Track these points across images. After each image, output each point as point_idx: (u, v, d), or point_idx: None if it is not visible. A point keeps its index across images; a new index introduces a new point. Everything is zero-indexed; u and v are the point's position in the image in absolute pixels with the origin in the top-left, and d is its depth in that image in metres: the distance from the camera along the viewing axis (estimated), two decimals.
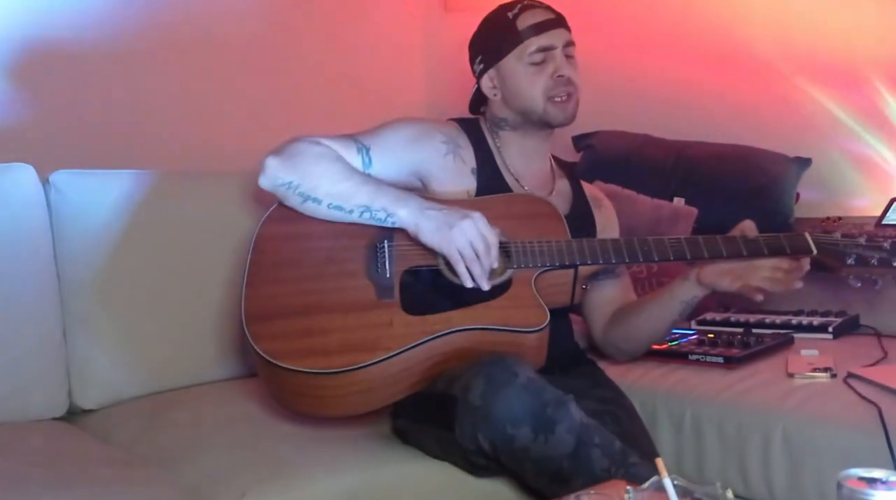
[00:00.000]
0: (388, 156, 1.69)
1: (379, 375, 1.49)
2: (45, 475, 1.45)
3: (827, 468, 1.53)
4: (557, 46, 1.72)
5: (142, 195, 1.92)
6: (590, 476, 1.35)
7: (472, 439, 1.43)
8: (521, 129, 1.78)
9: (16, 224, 1.79)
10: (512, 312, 1.55)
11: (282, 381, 1.52)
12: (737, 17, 2.63)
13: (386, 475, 1.54)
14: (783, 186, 2.43)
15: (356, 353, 1.48)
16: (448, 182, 1.72)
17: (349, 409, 1.55)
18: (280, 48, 2.81)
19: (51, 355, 1.80)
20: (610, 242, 1.65)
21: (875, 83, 2.39)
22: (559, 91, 1.71)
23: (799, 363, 1.82)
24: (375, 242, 1.60)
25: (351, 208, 1.58)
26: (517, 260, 1.59)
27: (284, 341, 1.50)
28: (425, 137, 1.73)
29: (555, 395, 1.42)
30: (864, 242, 1.58)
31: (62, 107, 2.37)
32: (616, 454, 1.41)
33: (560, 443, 1.38)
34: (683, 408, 1.76)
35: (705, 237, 1.64)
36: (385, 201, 1.57)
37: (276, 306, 1.55)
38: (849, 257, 1.58)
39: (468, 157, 1.75)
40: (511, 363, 1.44)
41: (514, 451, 1.40)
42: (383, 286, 1.55)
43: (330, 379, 1.48)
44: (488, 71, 1.77)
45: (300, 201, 1.60)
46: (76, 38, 2.40)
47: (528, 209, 1.69)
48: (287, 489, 1.44)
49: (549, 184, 1.82)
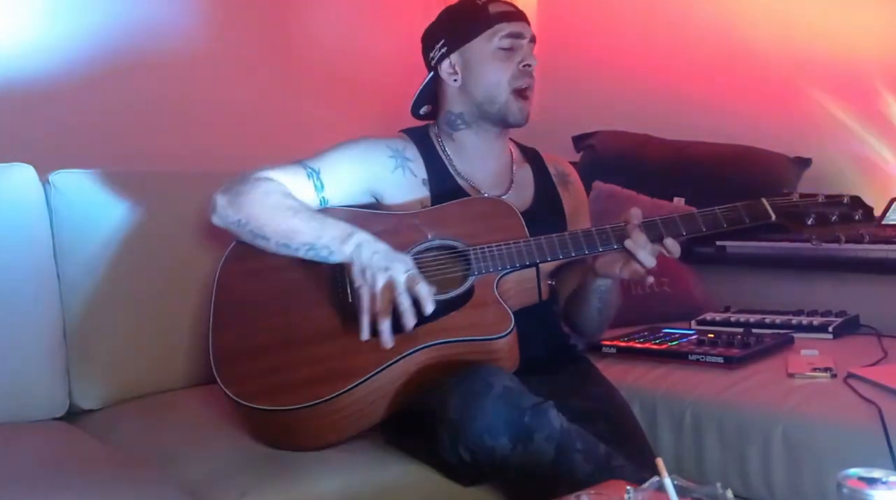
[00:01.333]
0: (337, 177, 1.68)
1: (356, 400, 1.48)
2: (45, 475, 1.45)
3: (827, 468, 1.53)
4: (525, 36, 1.72)
5: (142, 195, 1.92)
6: (573, 483, 1.33)
7: (453, 452, 1.43)
8: (476, 125, 1.75)
9: (16, 224, 1.78)
10: (478, 319, 1.54)
11: (261, 421, 1.52)
12: (737, 18, 2.64)
13: (386, 474, 1.53)
14: (783, 186, 2.43)
15: (327, 383, 1.46)
16: (400, 196, 1.70)
17: (332, 439, 1.53)
18: (279, 49, 2.81)
19: (51, 355, 1.79)
20: (568, 236, 1.62)
21: (875, 84, 2.39)
22: (524, 82, 1.70)
23: (799, 363, 1.82)
24: (335, 269, 1.58)
25: (297, 246, 1.56)
26: (476, 266, 1.57)
27: (255, 381, 1.49)
28: (371, 155, 1.71)
29: (532, 402, 1.41)
30: (822, 201, 1.56)
31: (62, 107, 2.37)
32: (600, 458, 1.39)
33: (539, 451, 1.37)
34: (683, 408, 1.76)
35: (662, 218, 1.60)
36: (328, 239, 1.54)
37: (243, 347, 1.54)
38: (808, 218, 1.56)
39: (418, 168, 1.73)
40: (485, 374, 1.43)
41: (494, 462, 1.39)
42: (347, 312, 1.53)
43: (308, 412, 1.46)
44: (450, 55, 1.73)
45: (251, 238, 1.59)
46: (76, 38, 2.40)
47: (484, 210, 1.67)
48: (287, 489, 1.44)
49: (505, 180, 1.79)
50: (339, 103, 2.88)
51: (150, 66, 2.53)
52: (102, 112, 2.43)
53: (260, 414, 1.49)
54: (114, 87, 2.46)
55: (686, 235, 1.59)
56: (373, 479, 1.52)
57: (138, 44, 2.50)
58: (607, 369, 1.83)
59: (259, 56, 2.75)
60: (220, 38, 2.66)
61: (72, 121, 2.37)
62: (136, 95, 2.50)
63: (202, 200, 2.01)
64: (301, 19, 2.87)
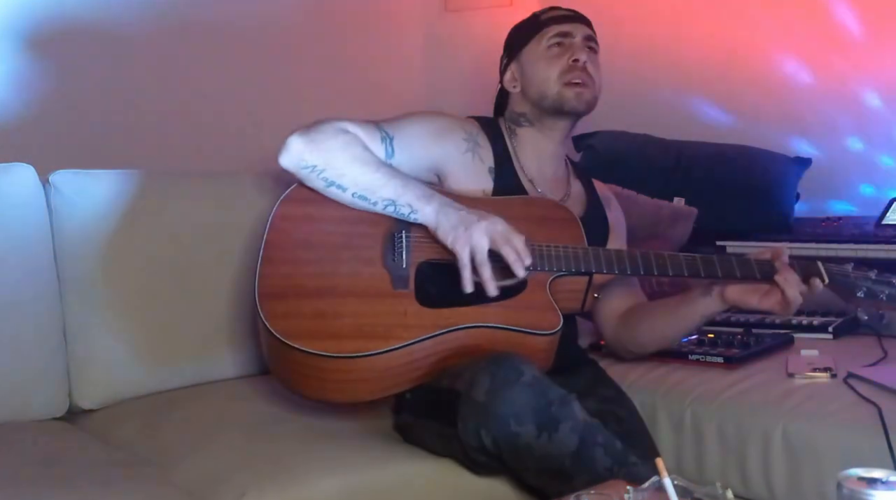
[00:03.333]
0: (410, 148, 1.68)
1: (386, 364, 1.50)
2: (45, 475, 1.45)
3: (827, 468, 1.53)
4: (576, 35, 1.76)
5: (141, 195, 1.92)
6: (592, 475, 1.36)
7: (474, 435, 1.43)
8: (538, 123, 1.78)
9: (16, 224, 1.78)
10: (525, 313, 1.56)
11: (289, 361, 1.52)
12: (737, 18, 2.64)
13: (386, 474, 1.53)
14: (783, 186, 2.44)
15: (367, 340, 1.48)
16: (465, 180, 1.72)
17: (351, 396, 1.55)
18: (279, 49, 2.81)
19: (51, 355, 1.79)
20: (626, 253, 1.65)
21: (875, 83, 2.39)
22: (574, 75, 1.72)
23: (799, 363, 1.82)
24: (393, 231, 1.60)
25: (376, 201, 1.58)
26: (535, 262, 1.58)
27: (297, 321, 1.50)
28: (448, 133, 1.73)
29: (559, 394, 1.42)
30: (874, 277, 1.61)
31: (62, 107, 2.38)
32: (618, 454, 1.41)
33: (564, 441, 1.38)
34: (683, 408, 1.76)
35: (720, 257, 1.66)
36: (411, 197, 1.57)
37: (291, 286, 1.54)
38: (859, 291, 1.61)
39: (486, 156, 1.75)
40: (517, 361, 1.44)
41: (517, 448, 1.40)
42: (399, 276, 1.56)
43: (338, 363, 1.48)
44: (510, 65, 1.81)
45: (324, 186, 1.59)
46: (76, 37, 2.40)
47: (546, 213, 1.70)
48: (287, 489, 1.44)
49: (563, 188, 1.83)
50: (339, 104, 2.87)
51: (151, 67, 2.53)
52: (102, 112, 2.43)
53: (293, 354, 1.49)
54: (114, 86, 2.46)
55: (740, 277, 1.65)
56: (373, 479, 1.52)
57: (139, 44, 2.50)
58: (607, 369, 1.84)
59: (259, 56, 2.75)
60: (220, 39, 2.66)
61: (72, 121, 2.37)
62: (137, 94, 2.50)
63: (203, 200, 2.02)
64: (303, 19, 2.87)
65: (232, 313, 1.93)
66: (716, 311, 1.74)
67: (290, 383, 1.59)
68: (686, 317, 1.76)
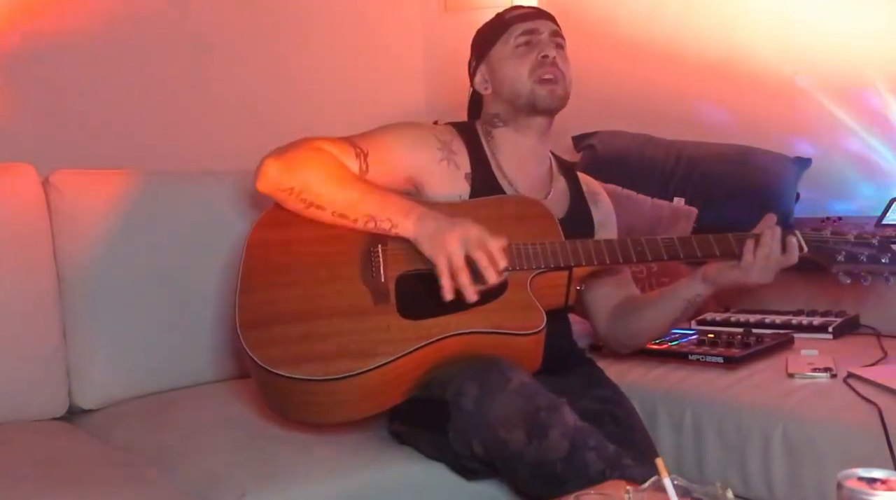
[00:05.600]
0: (385, 162, 1.68)
1: (376, 381, 1.48)
2: (45, 475, 1.45)
3: (827, 468, 1.53)
4: (543, 32, 1.75)
5: (141, 195, 1.92)
6: (585, 479, 1.35)
7: (465, 444, 1.43)
8: (513, 123, 1.77)
9: (16, 224, 1.78)
10: (508, 314, 1.54)
11: (278, 389, 1.51)
12: (737, 18, 2.63)
13: (385, 475, 1.54)
14: (783, 186, 2.43)
15: (354, 359, 1.46)
16: (442, 188, 1.71)
17: (345, 415, 1.54)
18: (279, 49, 2.81)
19: (51, 355, 1.79)
20: (604, 243, 1.64)
21: (875, 83, 2.39)
22: (544, 71, 1.72)
23: (799, 363, 1.82)
24: (368, 246, 1.59)
25: (356, 217, 1.57)
26: (512, 262, 1.58)
27: (280, 348, 1.48)
28: (421, 143, 1.72)
29: (548, 399, 1.41)
30: (853, 240, 1.60)
31: (62, 107, 2.38)
32: (611, 457, 1.40)
33: (554, 447, 1.38)
34: (683, 408, 1.76)
35: (697, 236, 1.64)
36: (390, 212, 1.56)
37: (271, 313, 1.52)
38: (838, 255, 1.60)
39: (462, 162, 1.74)
40: (504, 368, 1.44)
41: (507, 456, 1.40)
42: (378, 291, 1.54)
43: (328, 385, 1.46)
44: (480, 67, 1.80)
45: (303, 207, 1.58)
46: (76, 37, 2.40)
47: (520, 211, 1.68)
48: (287, 489, 1.44)
49: (545, 186, 1.81)
50: (339, 103, 2.88)
51: (150, 67, 2.53)
52: (102, 112, 2.43)
53: (280, 382, 1.47)
54: (114, 86, 2.46)
55: (719, 255, 1.64)
56: (372, 479, 1.52)
57: (138, 44, 2.50)
58: (607, 369, 1.84)
59: (259, 56, 2.75)
60: (220, 39, 2.66)
61: (72, 121, 2.37)
62: (136, 94, 2.50)
63: (202, 200, 2.02)
64: (302, 18, 2.87)
65: (232, 313, 1.93)
66: (700, 293, 1.71)
67: (282, 410, 1.57)
68: (671, 303, 1.74)
